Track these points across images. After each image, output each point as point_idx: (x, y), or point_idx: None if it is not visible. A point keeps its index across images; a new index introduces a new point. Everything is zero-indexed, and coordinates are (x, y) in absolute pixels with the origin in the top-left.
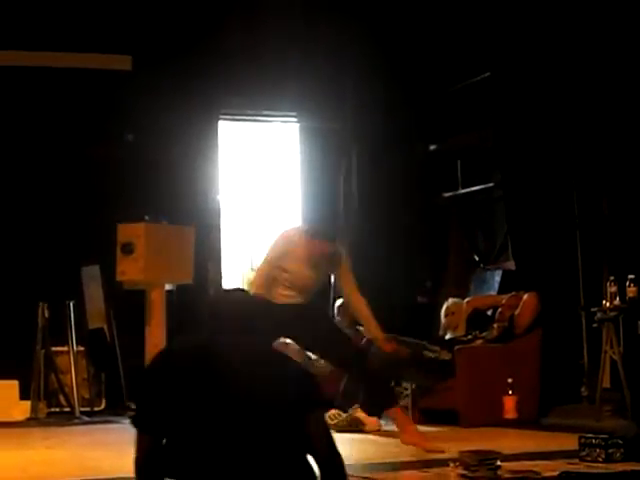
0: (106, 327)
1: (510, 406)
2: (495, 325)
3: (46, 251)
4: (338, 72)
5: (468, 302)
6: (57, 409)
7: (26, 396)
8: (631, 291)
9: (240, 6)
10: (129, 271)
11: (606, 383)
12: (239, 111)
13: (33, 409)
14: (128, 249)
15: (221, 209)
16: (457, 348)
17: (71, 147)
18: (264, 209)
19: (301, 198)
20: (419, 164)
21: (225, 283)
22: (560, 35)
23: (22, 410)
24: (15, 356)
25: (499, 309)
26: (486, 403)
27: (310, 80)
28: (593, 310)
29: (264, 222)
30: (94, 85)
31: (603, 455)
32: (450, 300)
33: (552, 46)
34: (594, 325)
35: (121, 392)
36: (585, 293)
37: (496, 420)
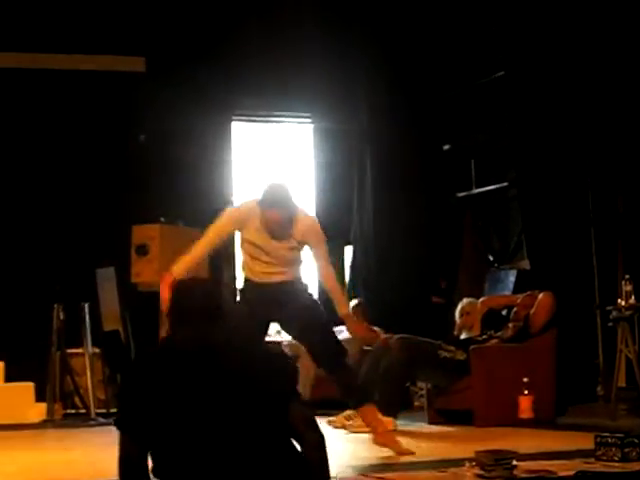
0: (121, 329)
1: (525, 406)
2: (510, 325)
3: (61, 253)
4: (351, 73)
5: (483, 302)
6: (73, 411)
7: (42, 398)
8: None
9: (254, 8)
10: (144, 273)
11: (622, 382)
12: (253, 112)
13: (49, 411)
14: (143, 251)
15: None
16: (472, 348)
17: (86, 149)
18: None
19: (315, 199)
20: (433, 164)
21: (239, 284)
22: (574, 33)
23: (38, 412)
24: (31, 358)
25: (514, 309)
26: (501, 403)
27: (324, 81)
28: (608, 309)
29: None
30: (108, 87)
31: (619, 454)
32: (465, 300)
33: (566, 44)
34: (609, 324)
35: None
36: (600, 292)
37: (511, 420)
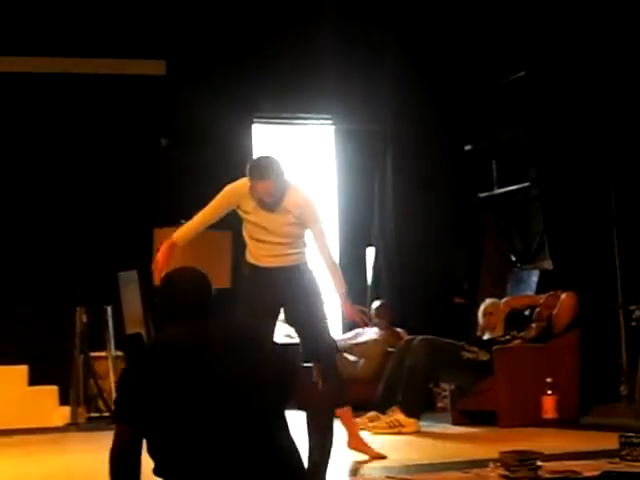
0: (144, 331)
1: (549, 406)
2: (533, 325)
3: (84, 257)
4: (372, 74)
5: (506, 302)
6: (96, 414)
7: (66, 401)
8: None
9: (273, 9)
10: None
11: None
12: (273, 114)
13: (73, 414)
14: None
15: None
16: (495, 348)
17: (107, 153)
18: None
19: (337, 200)
20: (454, 164)
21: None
22: (594, 32)
23: (62, 415)
24: (54, 362)
25: (537, 309)
26: (525, 403)
27: (345, 82)
28: (631, 308)
29: None
30: (129, 90)
31: None
32: (487, 300)
33: (586, 43)
34: (632, 324)
35: None
36: (623, 291)
37: (535, 420)
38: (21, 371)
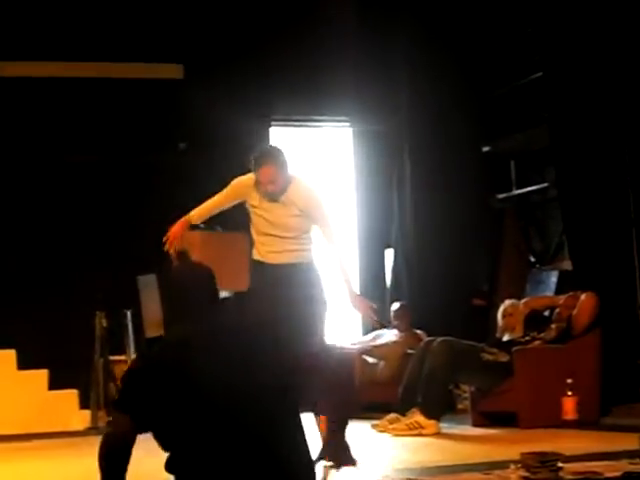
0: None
1: (570, 407)
2: (553, 326)
3: (103, 261)
4: (390, 75)
5: (525, 303)
6: None
7: (86, 406)
8: None
9: (290, 12)
10: None
11: None
12: (291, 117)
13: (93, 418)
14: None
15: None
16: (515, 350)
17: (126, 156)
18: None
19: (355, 202)
20: (473, 165)
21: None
22: (611, 32)
23: (82, 419)
24: (75, 366)
25: (557, 310)
26: (545, 404)
27: (362, 84)
28: None
29: None
30: (147, 95)
31: None
32: (507, 302)
33: (603, 43)
34: None
35: None
36: None
37: (556, 421)
38: (41, 375)
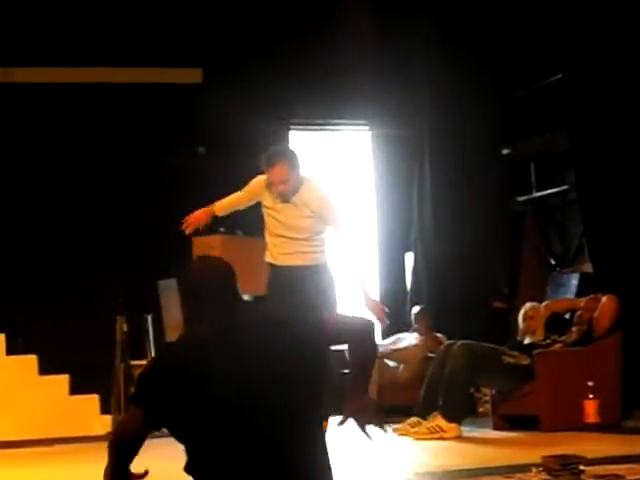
0: None
1: (591, 410)
2: (574, 328)
3: (124, 266)
4: (409, 78)
5: (546, 306)
6: None
7: (107, 410)
8: None
9: (309, 16)
10: None
11: None
12: (310, 120)
13: (114, 423)
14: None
15: None
16: (536, 353)
17: (146, 161)
18: None
19: (375, 206)
20: (492, 168)
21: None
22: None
23: (103, 424)
24: (96, 371)
25: (578, 312)
26: (567, 407)
27: (381, 87)
28: None
29: None
30: (166, 99)
31: None
32: (528, 304)
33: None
34: None
35: None
36: None
37: (577, 424)
38: (62, 380)
